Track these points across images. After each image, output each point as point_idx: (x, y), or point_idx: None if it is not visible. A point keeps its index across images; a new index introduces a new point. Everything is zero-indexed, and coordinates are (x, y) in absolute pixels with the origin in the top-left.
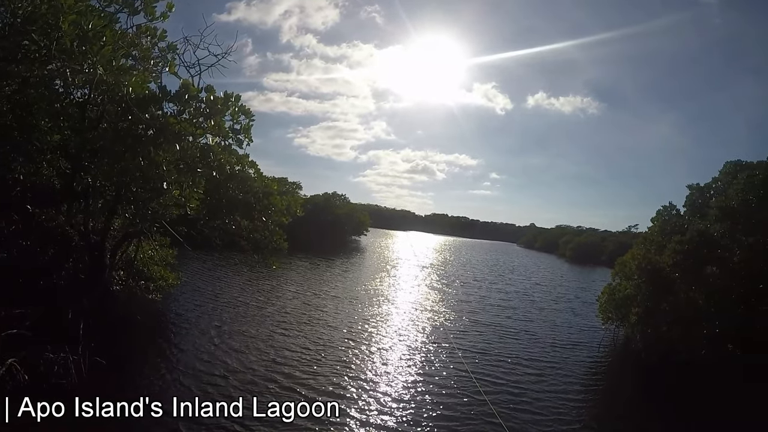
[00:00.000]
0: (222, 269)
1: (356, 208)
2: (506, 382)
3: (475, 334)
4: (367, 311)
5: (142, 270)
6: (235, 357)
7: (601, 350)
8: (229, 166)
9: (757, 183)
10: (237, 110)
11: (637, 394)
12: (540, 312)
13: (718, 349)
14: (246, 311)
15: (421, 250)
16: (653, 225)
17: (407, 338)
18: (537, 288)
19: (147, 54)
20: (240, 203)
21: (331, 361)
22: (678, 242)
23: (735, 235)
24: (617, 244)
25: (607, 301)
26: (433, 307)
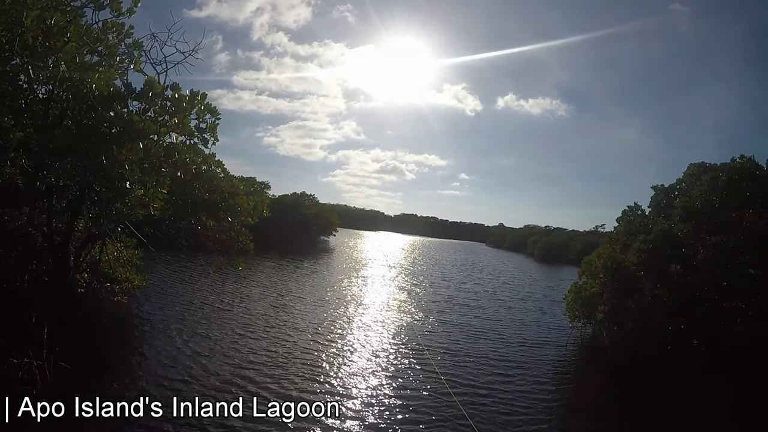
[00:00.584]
0: (188, 270)
1: (325, 208)
2: (475, 382)
3: (443, 334)
4: (334, 312)
5: (107, 272)
6: (199, 361)
7: (569, 348)
8: (194, 165)
9: (720, 184)
10: (203, 108)
11: (604, 391)
12: (508, 311)
13: (684, 344)
14: (212, 313)
15: (390, 250)
16: (619, 225)
17: (375, 339)
18: (505, 287)
19: (113, 50)
20: (206, 203)
21: (296, 364)
22: (643, 241)
23: (699, 235)
24: (584, 244)
25: (574, 299)
26: (402, 308)
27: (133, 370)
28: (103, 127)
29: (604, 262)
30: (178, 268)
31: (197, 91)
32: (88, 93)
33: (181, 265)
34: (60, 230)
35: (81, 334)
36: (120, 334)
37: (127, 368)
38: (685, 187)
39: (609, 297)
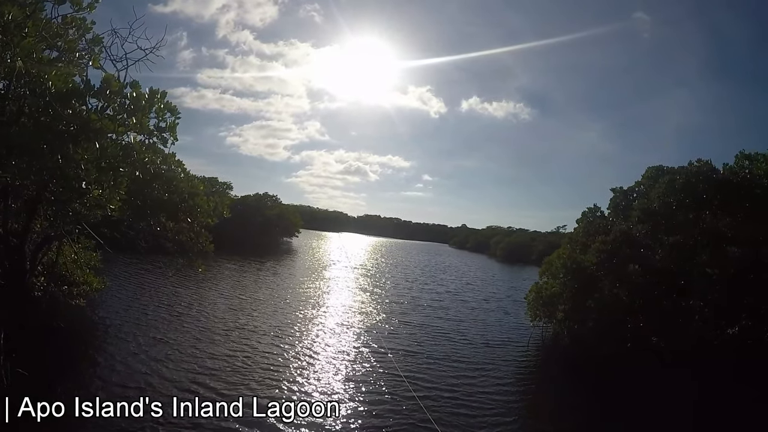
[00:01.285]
0: (147, 273)
1: (288, 209)
2: (438, 384)
3: (406, 335)
4: (295, 315)
5: (64, 275)
6: (158, 366)
7: (531, 347)
8: (153, 165)
9: (678, 187)
10: (162, 107)
11: (566, 389)
12: (471, 311)
13: (643, 342)
14: (171, 317)
15: (353, 251)
16: (578, 226)
17: (337, 342)
18: (468, 288)
19: (73, 46)
20: (165, 204)
21: (256, 369)
22: (602, 242)
23: (657, 236)
24: (546, 244)
25: (535, 299)
26: (364, 309)
27: (91, 375)
28: (61, 125)
29: (564, 263)
30: (137, 271)
31: (157, 89)
32: (46, 90)
33: (140, 268)
34: (16, 231)
35: (38, 338)
36: (78, 338)
37: (84, 374)
38: (644, 189)
39: (569, 296)
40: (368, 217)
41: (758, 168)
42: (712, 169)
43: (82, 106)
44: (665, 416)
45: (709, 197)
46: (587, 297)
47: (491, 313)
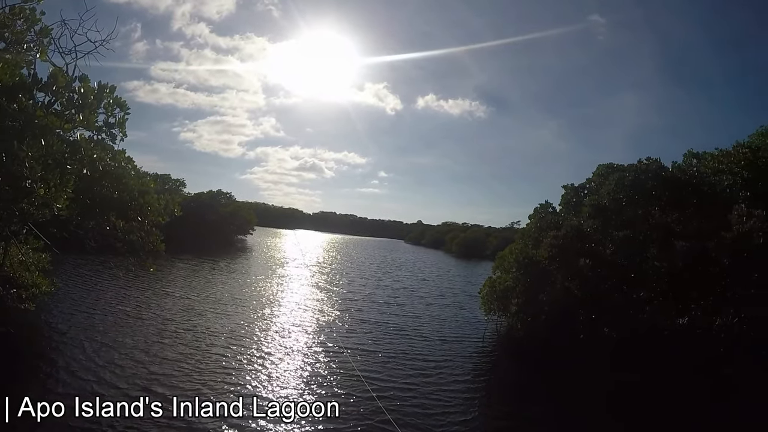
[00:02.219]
0: (98, 274)
1: (242, 206)
2: (395, 381)
3: (362, 332)
4: (250, 314)
5: (12, 277)
6: (111, 371)
7: (486, 341)
8: (102, 162)
9: (627, 184)
10: (111, 102)
11: (521, 380)
12: (427, 307)
13: (595, 333)
14: (123, 319)
15: (308, 248)
16: (531, 222)
17: (293, 341)
18: (424, 283)
19: (21, 38)
20: (115, 202)
21: (211, 369)
22: (553, 237)
23: (607, 231)
24: (501, 240)
25: (489, 293)
26: (320, 307)
27: (41, 381)
28: (6, 121)
29: (516, 257)
30: (86, 272)
31: (106, 83)
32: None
33: (90, 269)
34: None
35: None
36: (27, 344)
37: (34, 380)
38: (594, 186)
39: (522, 290)
40: (324, 213)
41: (705, 166)
42: (660, 167)
43: (29, 101)
44: (615, 404)
45: (658, 194)
46: (540, 290)
47: (447, 308)
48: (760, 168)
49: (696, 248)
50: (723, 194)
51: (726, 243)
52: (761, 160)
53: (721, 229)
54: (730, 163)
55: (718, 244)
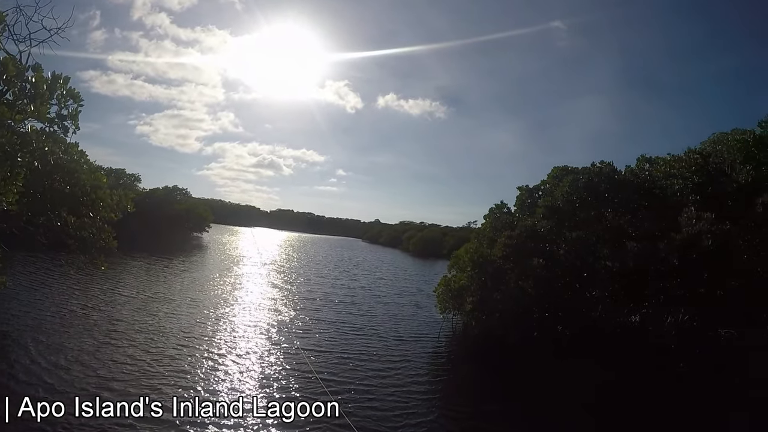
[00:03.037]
0: (47, 272)
1: (198, 203)
2: (353, 382)
3: (319, 332)
4: (205, 314)
5: None
6: (57, 375)
7: (443, 339)
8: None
9: (581, 186)
10: (65, 94)
11: (477, 378)
12: (384, 306)
13: (549, 330)
14: (72, 319)
15: (265, 246)
16: (486, 222)
17: (248, 341)
18: (381, 282)
19: None
20: (67, 197)
21: (163, 371)
22: (507, 237)
23: (560, 231)
24: (457, 239)
25: (444, 292)
26: (276, 307)
27: None
28: None
29: (471, 257)
30: (36, 269)
31: (60, 74)
32: None
33: (40, 266)
34: None
35: None
36: None
37: None
38: (549, 187)
39: (476, 289)
40: (281, 211)
41: (657, 170)
42: (613, 170)
43: None
44: (570, 399)
45: (611, 196)
46: (494, 289)
47: (404, 307)
48: (710, 173)
49: (647, 249)
50: (674, 197)
51: (675, 244)
52: (712, 165)
53: (671, 231)
54: (682, 168)
55: (668, 245)
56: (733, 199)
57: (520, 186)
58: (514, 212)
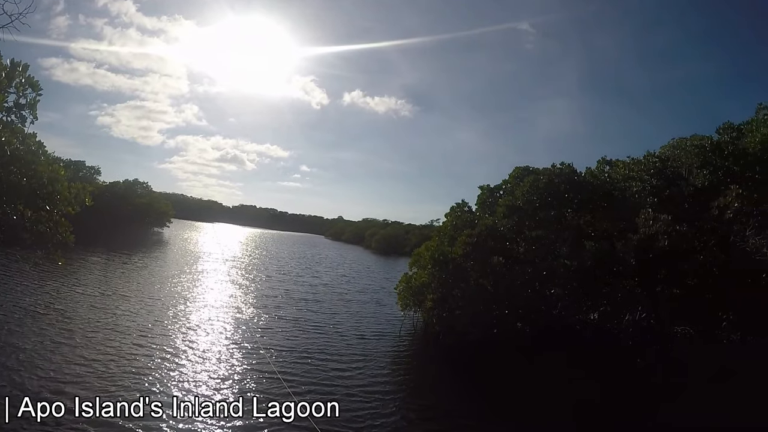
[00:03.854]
0: (2, 268)
1: (159, 197)
2: (315, 381)
3: (281, 330)
4: (165, 312)
5: None
6: (8, 377)
7: (404, 337)
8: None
9: (541, 186)
10: (23, 82)
11: (438, 374)
12: (346, 304)
13: (509, 327)
14: (26, 318)
15: (226, 242)
16: (447, 220)
17: (209, 340)
18: (343, 280)
19: None
20: (24, 189)
21: (119, 373)
22: (468, 235)
23: (521, 230)
24: (420, 237)
25: (405, 289)
26: (237, 304)
27: None
28: None
29: (432, 254)
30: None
31: (19, 61)
32: None
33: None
34: None
35: None
36: None
37: None
38: (510, 187)
39: (437, 286)
40: (244, 207)
41: (617, 172)
42: (573, 172)
43: None
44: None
45: (571, 197)
46: (454, 286)
47: (366, 305)
48: (668, 176)
49: (605, 248)
50: (632, 199)
51: (633, 244)
52: (670, 169)
53: (629, 232)
54: (640, 171)
55: (626, 245)
56: (690, 202)
57: (481, 185)
58: (476, 211)
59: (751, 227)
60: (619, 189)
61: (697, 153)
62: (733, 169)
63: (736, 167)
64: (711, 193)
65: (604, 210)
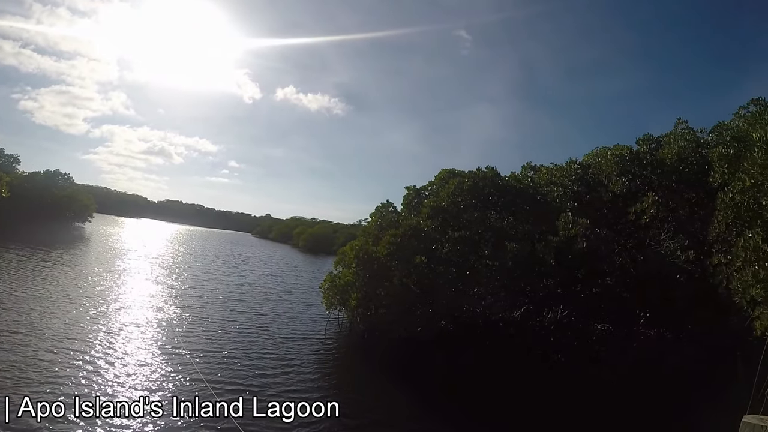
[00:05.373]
0: None
1: (81, 190)
2: (240, 384)
3: (205, 332)
4: (83, 313)
5: None
6: None
7: (330, 336)
8: None
9: (465, 189)
10: None
11: (365, 374)
12: (273, 304)
13: (433, 325)
14: None
15: (150, 240)
16: (372, 219)
17: (130, 342)
18: (270, 279)
19: None
20: None
21: (29, 380)
22: (392, 235)
23: (445, 231)
24: (348, 236)
25: (330, 288)
26: (160, 305)
27: None
28: None
29: (356, 253)
30: None
31: None
32: None
33: None
34: None
35: None
36: None
37: None
38: (435, 188)
39: (361, 285)
40: (170, 202)
41: (540, 177)
42: (497, 175)
43: None
44: (455, 390)
45: (494, 199)
46: (378, 285)
47: (294, 304)
48: (588, 183)
49: (525, 249)
50: (553, 203)
51: (552, 245)
52: (591, 176)
53: (550, 234)
54: (563, 177)
55: (546, 246)
56: (609, 207)
57: (408, 186)
58: (401, 211)
59: (666, 232)
60: (541, 193)
61: (617, 162)
62: (650, 177)
63: (654, 176)
64: (629, 200)
65: (526, 213)
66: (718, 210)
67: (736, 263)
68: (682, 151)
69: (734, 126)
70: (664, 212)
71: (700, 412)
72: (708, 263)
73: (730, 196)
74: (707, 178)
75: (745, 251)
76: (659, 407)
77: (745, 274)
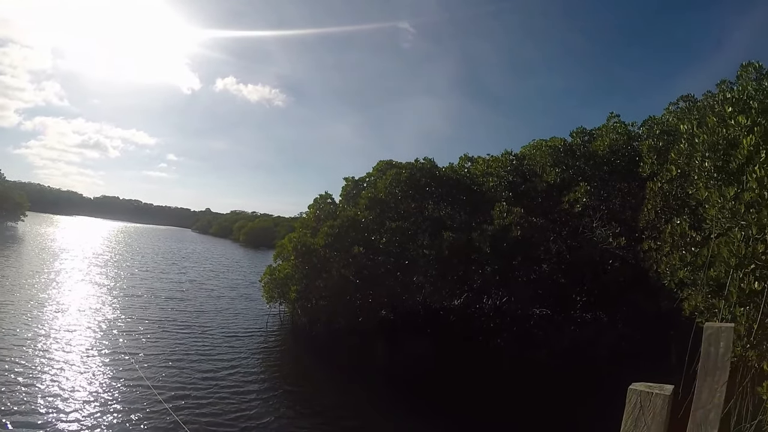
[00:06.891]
0: None
1: (13, 186)
2: (186, 387)
3: (146, 333)
4: (15, 318)
5: None
6: None
7: (272, 331)
8: None
9: (402, 180)
10: None
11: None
12: (215, 301)
13: (373, 314)
14: None
15: (87, 238)
16: (310, 211)
17: (67, 350)
18: (211, 275)
19: None
20: None
21: None
22: (329, 226)
23: (382, 221)
24: (289, 229)
25: (269, 282)
26: (97, 306)
27: None
28: None
29: (294, 245)
30: None
31: None
32: None
33: None
34: None
35: None
36: None
37: None
38: (373, 180)
39: (300, 277)
40: (106, 198)
41: (476, 168)
42: (434, 166)
43: None
44: (400, 377)
45: (431, 190)
46: (317, 277)
47: (236, 300)
48: (523, 173)
49: (461, 238)
50: (489, 193)
51: (488, 234)
52: (526, 167)
53: (485, 223)
54: (498, 167)
55: (481, 234)
56: (543, 196)
57: (346, 177)
58: (339, 203)
59: (599, 219)
60: (477, 183)
61: (551, 153)
62: (584, 168)
63: (587, 167)
64: (563, 190)
65: (463, 203)
66: (647, 199)
67: (665, 248)
68: (613, 144)
69: (664, 120)
70: (597, 201)
71: None
72: (639, 249)
73: (659, 186)
74: (637, 168)
75: (672, 237)
76: (592, 386)
77: (673, 258)
